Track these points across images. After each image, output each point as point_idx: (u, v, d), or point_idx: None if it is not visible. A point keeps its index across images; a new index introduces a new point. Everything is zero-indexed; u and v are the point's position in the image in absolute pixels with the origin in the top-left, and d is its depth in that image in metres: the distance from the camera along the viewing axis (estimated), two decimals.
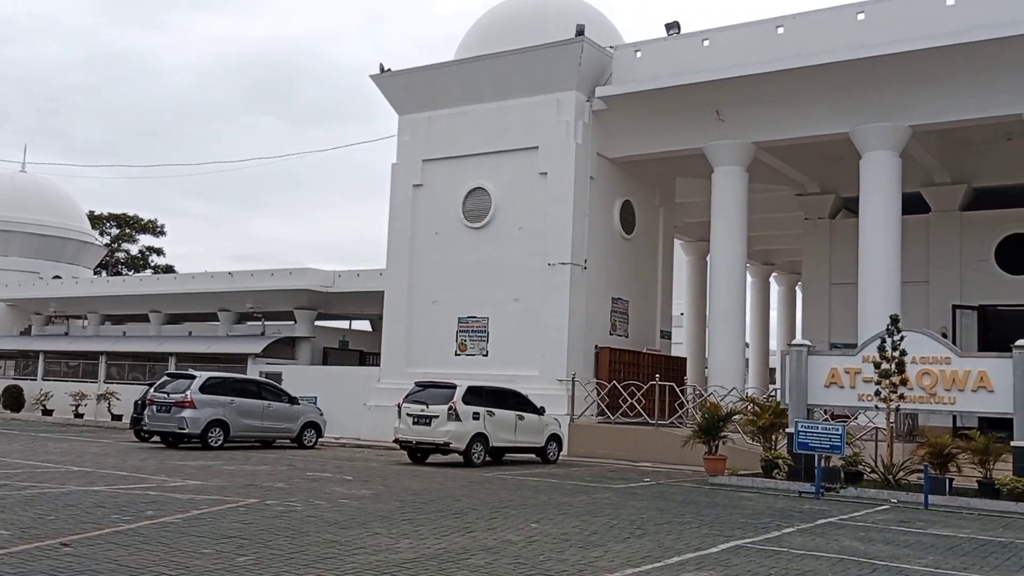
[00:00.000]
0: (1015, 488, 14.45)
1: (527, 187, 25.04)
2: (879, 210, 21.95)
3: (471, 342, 25.52)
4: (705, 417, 18.29)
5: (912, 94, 21.18)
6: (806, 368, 17.20)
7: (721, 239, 24.14)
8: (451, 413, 18.97)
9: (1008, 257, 25.07)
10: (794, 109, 22.62)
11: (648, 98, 24.08)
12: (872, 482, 15.99)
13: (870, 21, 21.31)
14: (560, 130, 24.60)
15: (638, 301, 26.89)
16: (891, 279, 21.75)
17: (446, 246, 26.30)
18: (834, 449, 15.84)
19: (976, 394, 15.72)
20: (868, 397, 16.39)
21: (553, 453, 21.03)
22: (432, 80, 26.75)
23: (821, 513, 12.94)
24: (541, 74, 24.79)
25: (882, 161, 21.90)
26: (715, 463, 17.51)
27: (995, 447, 15.41)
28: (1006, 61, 19.82)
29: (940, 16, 20.45)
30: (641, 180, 26.96)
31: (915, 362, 16.08)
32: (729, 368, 23.61)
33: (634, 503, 13.33)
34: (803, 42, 21.96)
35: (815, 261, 28.59)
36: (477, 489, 14.57)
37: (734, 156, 23.78)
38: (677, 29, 24.53)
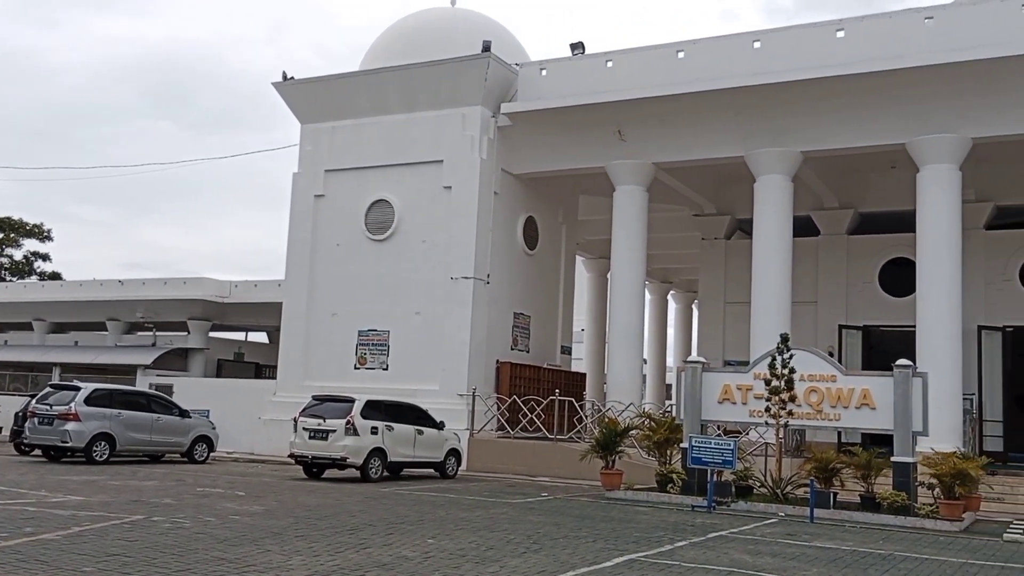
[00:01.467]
0: (894, 502, 15.07)
1: (431, 200, 24.98)
2: (771, 232, 22.68)
3: (371, 356, 25.25)
4: (603, 432, 18.52)
5: (804, 121, 22.00)
6: (700, 384, 17.60)
7: (621, 257, 24.54)
8: (349, 427, 18.71)
9: (891, 280, 26.21)
10: (693, 131, 23.21)
11: (552, 116, 24.37)
12: (762, 496, 16.44)
13: (765, 50, 22.07)
14: (465, 144, 24.65)
15: (540, 316, 27.09)
16: (782, 299, 22.47)
17: (347, 258, 25.99)
18: (726, 464, 16.25)
19: (859, 411, 16.35)
20: (759, 413, 16.87)
21: (452, 468, 20.95)
22: (336, 90, 26.47)
23: (713, 527, 13.23)
24: (447, 88, 24.81)
25: (775, 185, 22.66)
26: (612, 478, 17.72)
27: (876, 462, 16.06)
28: (891, 93, 20.78)
29: (832, 48, 21.32)
30: (545, 197, 27.22)
31: (803, 379, 16.63)
32: (627, 384, 23.97)
33: (531, 518, 13.37)
34: (702, 67, 22.57)
35: (711, 280, 29.34)
36: (374, 505, 14.38)
37: (635, 176, 24.25)
38: (582, 49, 24.94)
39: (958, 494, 15.03)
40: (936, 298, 20.70)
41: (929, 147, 20.88)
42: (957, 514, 14.71)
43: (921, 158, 21.12)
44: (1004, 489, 18.99)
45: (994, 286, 25.00)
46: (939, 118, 20.65)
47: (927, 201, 21.09)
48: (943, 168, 20.89)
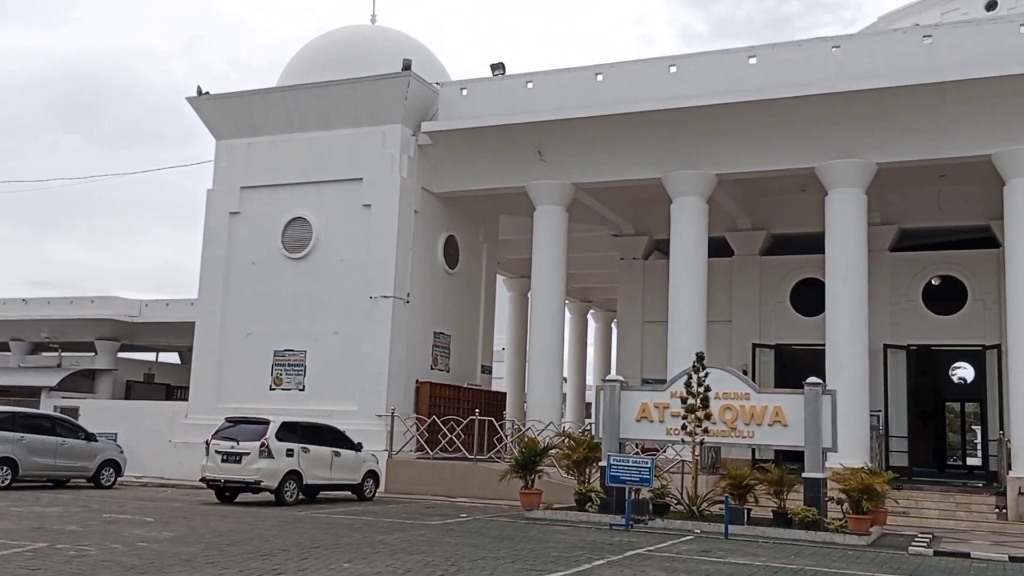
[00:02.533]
0: (805, 517, 15.41)
1: (350, 219, 24.74)
2: (687, 252, 23.11)
3: (287, 376, 24.79)
4: (522, 452, 18.52)
5: (718, 144, 22.52)
6: (619, 403, 17.75)
7: (542, 276, 24.68)
8: (263, 450, 18.31)
9: (801, 300, 26.94)
10: (612, 153, 23.53)
11: (473, 135, 24.43)
12: (678, 513, 16.64)
13: (681, 74, 22.55)
14: (385, 163, 24.51)
15: (460, 336, 27.00)
16: (698, 318, 22.88)
17: (263, 276, 25.52)
18: (643, 482, 16.40)
19: (772, 428, 16.69)
20: (675, 431, 17.09)
21: (370, 490, 20.68)
22: (253, 105, 26.06)
23: (630, 545, 13.32)
24: (367, 106, 24.66)
25: (691, 206, 23.12)
26: (531, 497, 17.71)
27: (788, 478, 16.41)
28: (801, 119, 21.43)
29: (744, 74, 21.90)
30: (466, 216, 27.23)
31: (718, 397, 16.92)
32: (547, 403, 24.05)
33: (450, 539, 13.25)
34: (621, 90, 22.93)
35: (629, 299, 29.70)
36: (288, 529, 14.07)
37: (555, 196, 24.44)
38: (502, 70, 25.08)
39: (866, 509, 15.45)
40: (844, 318, 21.34)
41: (836, 171, 21.59)
42: (865, 528, 15.11)
43: (829, 182, 21.81)
44: (909, 503, 19.65)
45: (898, 306, 25.89)
46: (846, 144, 21.38)
47: (835, 224, 21.78)
48: (850, 192, 21.61)
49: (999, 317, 23.40)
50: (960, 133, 20.51)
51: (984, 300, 25.19)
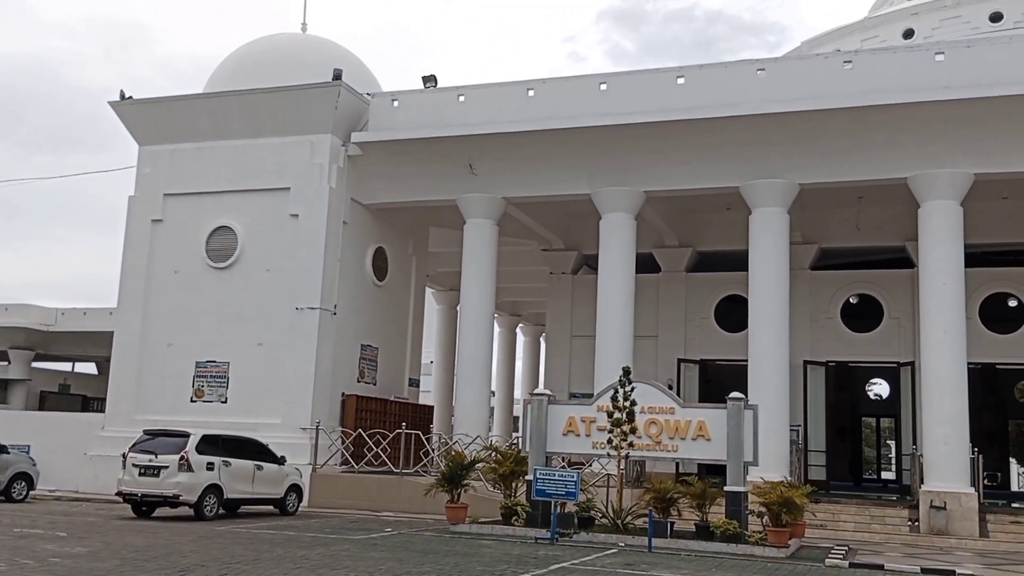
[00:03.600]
0: (727, 530, 15.64)
1: (277, 228, 24.38)
2: (616, 268, 23.35)
3: (209, 388, 24.25)
4: (449, 465, 18.42)
5: (647, 162, 22.83)
6: (546, 417, 17.79)
7: (471, 289, 24.65)
8: (182, 463, 17.88)
9: (725, 316, 27.43)
10: (542, 168, 23.68)
11: (404, 147, 24.33)
12: (603, 526, 16.73)
13: (611, 92, 22.82)
14: (313, 173, 24.24)
15: (388, 348, 26.79)
16: (625, 333, 23.11)
17: (186, 286, 24.96)
18: (569, 495, 16.45)
19: (696, 442, 16.93)
20: (601, 445, 17.19)
21: (293, 504, 20.34)
22: (178, 111, 25.54)
23: (555, 558, 13.34)
24: (295, 115, 24.37)
25: (619, 223, 23.38)
26: (456, 511, 17.62)
27: (711, 492, 16.65)
28: (727, 139, 21.89)
29: (673, 93, 22.27)
30: (395, 228, 27.07)
31: (644, 412, 17.09)
32: (475, 416, 23.98)
33: (373, 554, 13.10)
34: (551, 106, 23.11)
35: (558, 314, 29.86)
36: (207, 544, 13.74)
37: (485, 209, 24.47)
38: (434, 82, 25.06)
39: (785, 522, 15.75)
40: (766, 334, 21.80)
41: (760, 191, 22.08)
42: (784, 541, 15.40)
43: (753, 201, 22.30)
44: (827, 516, 20.10)
45: (818, 323, 26.56)
46: (769, 164, 21.89)
47: (758, 242, 22.26)
48: (773, 211, 22.12)
49: (913, 335, 24.14)
50: (878, 156, 21.18)
51: (899, 318, 26.00)
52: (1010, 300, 25.67)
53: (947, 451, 20.01)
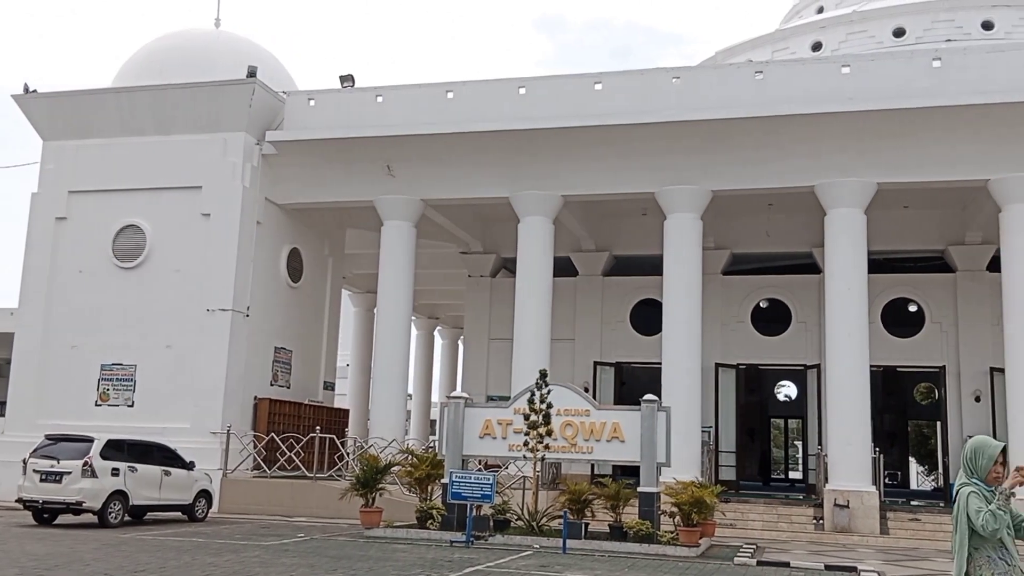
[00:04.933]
0: (639, 530, 15.86)
1: (188, 228, 23.79)
2: (533, 271, 23.47)
3: (115, 392, 23.51)
4: (363, 469, 18.24)
5: (565, 166, 23.02)
6: (463, 420, 17.78)
7: (388, 292, 24.46)
8: (86, 469, 17.29)
9: (641, 319, 27.83)
10: (461, 171, 23.66)
11: (320, 147, 24.02)
12: (519, 529, 16.78)
13: (530, 96, 22.95)
14: (226, 171, 23.73)
15: (302, 351, 26.38)
16: (542, 336, 23.24)
17: (91, 286, 24.15)
18: (485, 498, 16.46)
19: (610, 444, 17.14)
20: (517, 447, 17.26)
21: (202, 510, 19.86)
22: (84, 106, 24.71)
23: (470, 561, 13.32)
24: (208, 112, 23.83)
25: (537, 226, 23.51)
26: (371, 515, 17.46)
27: (625, 493, 16.86)
28: (642, 145, 22.22)
29: (590, 99, 22.50)
30: (311, 228, 26.69)
31: (560, 414, 17.22)
32: (391, 420, 23.80)
33: (285, 560, 12.89)
34: (470, 108, 23.11)
35: (476, 317, 29.85)
36: (112, 552, 13.33)
37: (403, 211, 24.32)
38: (351, 82, 24.79)
39: (696, 521, 16.06)
40: (679, 337, 22.18)
41: (674, 197, 22.48)
42: (695, 540, 15.70)
43: (668, 207, 22.69)
44: (736, 515, 20.57)
45: (729, 327, 27.16)
46: (683, 171, 22.31)
47: (672, 247, 22.65)
48: (686, 217, 22.54)
49: (819, 338, 24.86)
50: (787, 165, 21.78)
51: (806, 322, 26.76)
52: (910, 305, 26.68)
53: (850, 451, 20.68)
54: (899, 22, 31.15)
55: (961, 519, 5.38)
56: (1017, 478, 5.19)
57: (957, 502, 5.45)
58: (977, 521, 5.25)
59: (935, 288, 26.22)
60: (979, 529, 5.26)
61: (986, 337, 24.78)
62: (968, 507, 5.32)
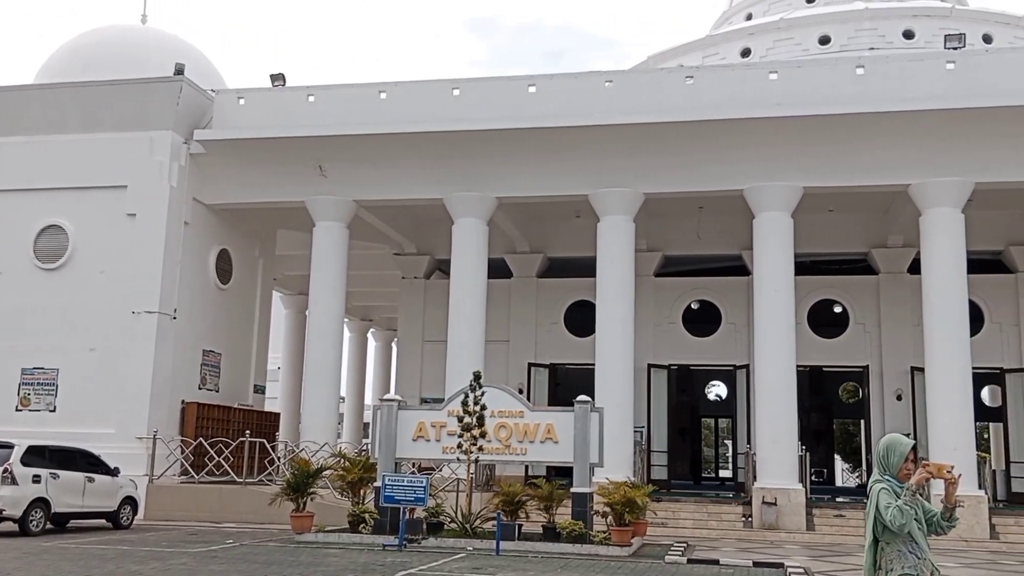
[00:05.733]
0: (572, 531, 15.94)
1: (112, 228, 23.19)
2: (468, 273, 23.44)
3: (36, 396, 22.78)
4: (294, 473, 17.99)
5: (499, 168, 23.05)
6: (396, 422, 17.65)
7: (320, 293, 24.18)
8: (6, 476, 16.69)
9: (575, 321, 28.01)
10: (394, 172, 23.51)
11: (250, 146, 23.63)
12: (452, 531, 16.72)
13: (464, 97, 22.91)
14: (153, 170, 23.19)
15: (232, 354, 25.91)
16: (476, 338, 23.23)
17: (11, 288, 23.37)
18: (418, 501, 16.36)
19: (544, 445, 17.18)
20: (451, 449, 17.20)
21: (127, 517, 19.36)
22: (5, 103, 23.88)
23: (402, 565, 13.24)
24: (134, 110, 23.28)
25: (472, 228, 23.48)
26: (302, 520, 17.23)
27: (558, 493, 16.91)
28: (576, 148, 22.37)
29: (524, 101, 22.57)
30: (241, 229, 26.25)
31: (494, 416, 17.20)
32: (323, 423, 23.52)
33: (213, 567, 12.64)
34: (404, 109, 22.98)
35: (410, 319, 29.70)
36: (33, 561, 12.91)
37: (335, 212, 24.07)
38: (282, 81, 24.45)
39: (628, 521, 16.20)
40: (613, 338, 22.38)
41: (607, 199, 22.68)
42: (627, 540, 15.84)
43: (601, 209, 22.88)
44: (667, 514, 20.84)
45: (661, 328, 27.50)
46: (616, 173, 22.51)
47: (606, 249, 22.84)
48: (619, 219, 22.75)
49: (748, 339, 25.34)
50: (716, 168, 22.13)
51: (736, 323, 27.23)
52: (836, 307, 27.36)
53: (778, 449, 21.10)
54: (825, 30, 31.97)
55: (871, 514, 5.54)
56: (923, 475, 5.36)
57: (870, 498, 5.61)
58: (886, 516, 5.40)
59: (859, 290, 26.93)
60: (888, 524, 5.41)
61: (907, 337, 25.52)
62: (879, 503, 5.48)
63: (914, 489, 5.40)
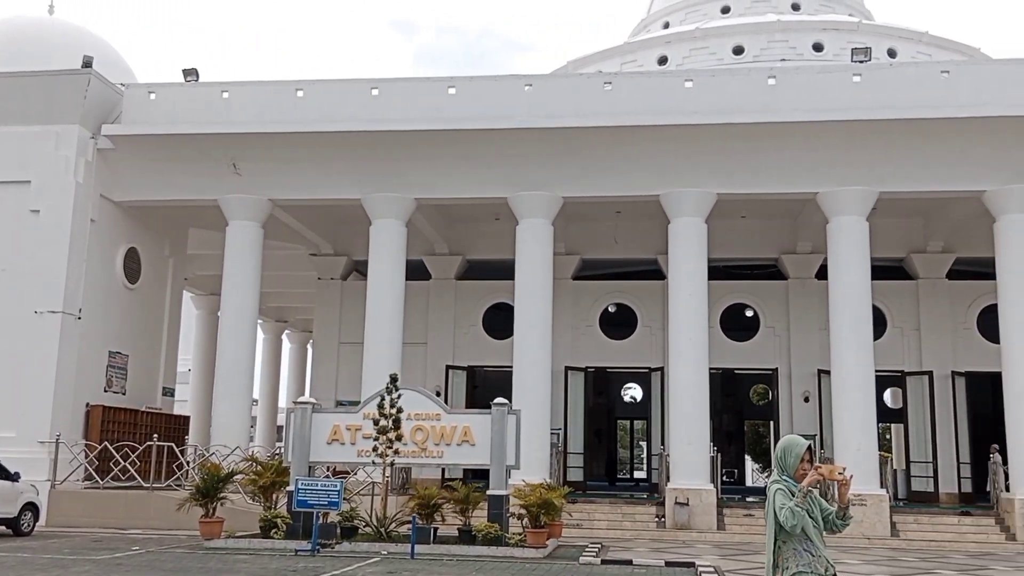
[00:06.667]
0: (488, 533, 15.96)
1: (14, 225, 22.28)
2: (385, 274, 23.26)
3: None
4: (204, 478, 17.57)
5: (418, 169, 22.92)
6: (310, 425, 17.38)
7: (233, 294, 23.68)
8: None
9: (493, 323, 28.05)
10: (311, 171, 23.18)
11: (161, 143, 23.01)
12: (367, 535, 16.55)
13: (383, 97, 22.74)
14: (58, 165, 22.37)
15: (140, 356, 25.16)
16: (394, 340, 23.06)
17: None
18: (332, 505, 16.16)
19: (460, 447, 17.15)
20: (367, 453, 17.00)
21: (28, 524, 18.63)
22: None
23: (315, 570, 13.06)
24: (40, 103, 22.42)
25: (390, 229, 23.31)
26: (211, 526, 16.84)
27: (474, 496, 16.93)
28: (495, 150, 22.40)
29: (444, 102, 22.50)
30: (151, 227, 25.51)
31: (410, 418, 17.09)
32: (235, 426, 23.03)
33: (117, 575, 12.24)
34: (322, 108, 22.69)
35: (326, 320, 29.32)
36: None
37: (250, 211, 23.61)
38: (195, 76, 23.85)
39: (543, 523, 16.30)
40: (531, 341, 22.48)
41: (526, 203, 22.78)
42: (542, 541, 15.93)
43: (520, 212, 22.97)
44: (583, 515, 21.02)
45: (579, 331, 27.74)
46: (535, 177, 22.63)
47: (524, 252, 22.94)
48: (538, 222, 22.88)
49: (663, 342, 25.72)
50: (633, 174, 22.44)
51: (651, 326, 27.64)
52: (747, 311, 28.03)
53: (690, 451, 21.49)
54: (738, 40, 32.74)
55: (770, 515, 5.71)
56: (814, 476, 5.57)
57: (767, 499, 5.78)
58: (780, 517, 5.58)
59: (769, 294, 27.63)
60: (782, 524, 5.59)
61: (814, 341, 26.26)
62: (775, 503, 5.65)
63: (805, 490, 5.59)
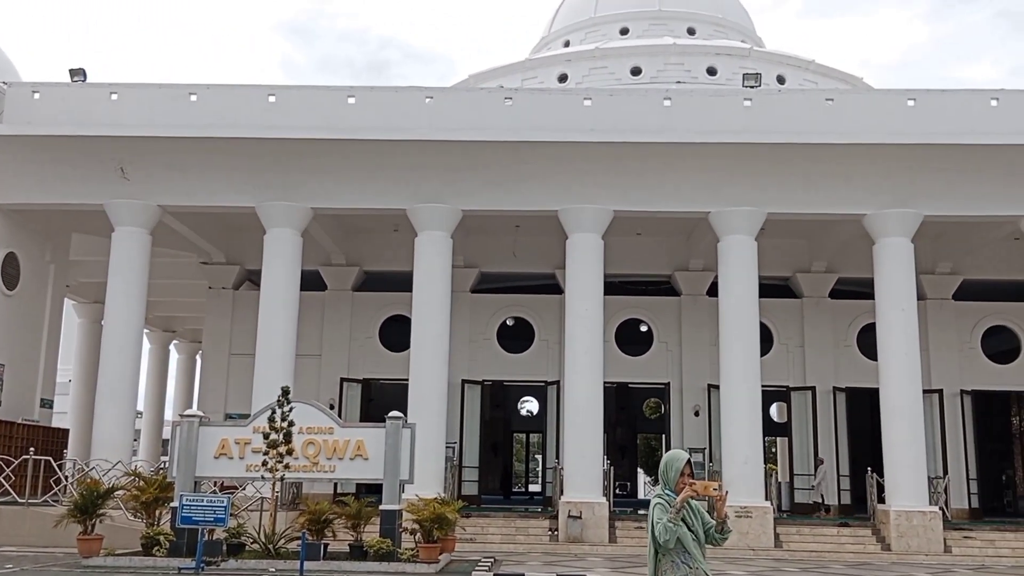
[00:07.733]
0: (380, 549, 15.75)
1: None
2: (279, 284, 22.80)
3: None
4: (82, 494, 16.82)
5: (315, 179, 22.59)
6: (197, 439, 16.84)
7: (117, 302, 22.82)
8: None
9: (390, 335, 27.79)
10: (203, 178, 22.58)
11: (44, 144, 22.05)
12: (254, 552, 16.12)
13: (280, 105, 22.35)
14: None
15: (16, 365, 23.96)
16: (287, 351, 22.60)
17: None
18: (218, 521, 15.66)
19: (354, 462, 16.88)
20: (256, 467, 16.57)
21: None
22: None
23: None
24: None
25: (285, 238, 22.87)
26: (90, 544, 16.12)
27: (367, 511, 16.68)
28: (394, 161, 22.28)
29: (343, 112, 22.27)
30: (31, 231, 24.39)
31: (302, 432, 16.74)
32: (117, 440, 22.16)
33: None
34: (216, 113, 22.15)
35: (216, 330, 28.51)
36: None
37: (137, 217, 22.82)
38: (83, 77, 22.98)
39: (436, 537, 16.18)
40: (427, 354, 22.38)
41: (425, 215, 22.71)
42: (434, 556, 15.81)
43: (419, 224, 22.87)
44: (476, 530, 20.98)
45: (476, 344, 27.75)
46: (434, 189, 22.59)
47: (423, 264, 22.84)
48: (437, 235, 22.82)
49: (560, 355, 25.96)
50: (532, 189, 22.64)
51: (548, 340, 27.86)
52: (642, 326, 28.55)
53: (584, 464, 21.71)
54: (636, 62, 33.46)
55: (650, 528, 5.86)
56: (688, 492, 5.75)
57: (648, 512, 5.94)
58: (656, 531, 5.73)
59: (662, 310, 28.22)
60: (656, 538, 5.75)
61: (705, 356, 26.92)
62: (653, 517, 5.80)
63: (679, 506, 5.75)
